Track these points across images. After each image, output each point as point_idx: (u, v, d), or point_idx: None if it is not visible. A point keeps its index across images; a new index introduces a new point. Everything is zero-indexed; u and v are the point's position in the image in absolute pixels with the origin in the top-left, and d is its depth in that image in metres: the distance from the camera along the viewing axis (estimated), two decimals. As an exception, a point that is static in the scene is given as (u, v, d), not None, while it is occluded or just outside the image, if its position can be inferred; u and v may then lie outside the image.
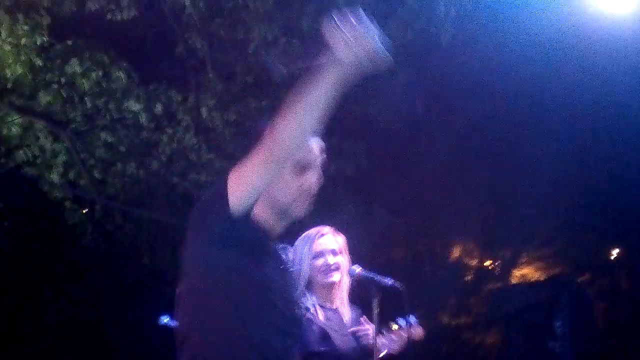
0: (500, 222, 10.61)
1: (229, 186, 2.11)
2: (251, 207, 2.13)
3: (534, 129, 8.94)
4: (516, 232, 10.96)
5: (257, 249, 2.21)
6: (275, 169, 2.08)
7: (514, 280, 11.93)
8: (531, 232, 11.06)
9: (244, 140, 7.48)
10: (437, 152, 9.24)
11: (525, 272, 11.93)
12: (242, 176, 2.11)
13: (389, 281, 3.50)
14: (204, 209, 2.21)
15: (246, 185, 2.09)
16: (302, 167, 2.24)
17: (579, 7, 6.77)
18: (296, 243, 3.64)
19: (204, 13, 7.25)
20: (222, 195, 2.10)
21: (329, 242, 3.66)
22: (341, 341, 3.54)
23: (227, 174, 2.15)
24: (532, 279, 11.74)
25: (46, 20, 7.34)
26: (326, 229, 3.71)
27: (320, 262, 3.61)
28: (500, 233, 11.02)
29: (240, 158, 2.17)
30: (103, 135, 8.19)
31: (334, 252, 3.65)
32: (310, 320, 3.50)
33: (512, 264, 11.95)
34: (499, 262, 12.04)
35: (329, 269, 3.63)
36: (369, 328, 3.58)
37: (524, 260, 11.90)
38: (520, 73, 8.10)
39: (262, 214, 2.24)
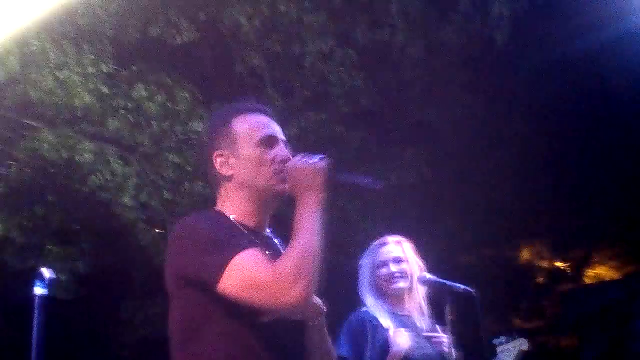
0: (571, 222, 10.44)
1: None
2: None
3: (600, 128, 8.77)
4: (587, 232, 10.74)
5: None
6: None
7: (587, 281, 11.72)
8: (603, 231, 10.83)
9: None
10: (501, 154, 9.15)
11: (599, 272, 11.70)
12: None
13: (460, 287, 3.51)
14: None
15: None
16: (267, 142, 2.22)
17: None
18: (363, 256, 3.74)
19: (260, 31, 7.39)
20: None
21: (391, 251, 3.71)
22: (416, 343, 3.57)
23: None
24: (607, 279, 11.52)
25: (110, 49, 7.61)
26: (389, 238, 3.76)
27: (383, 271, 3.66)
28: (571, 233, 10.83)
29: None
30: (170, 156, 8.37)
31: (397, 260, 3.69)
32: (375, 327, 3.57)
33: (585, 263, 11.74)
34: (571, 262, 11.84)
35: (392, 277, 3.66)
36: (444, 336, 3.60)
37: (596, 260, 11.67)
38: (584, 70, 7.95)
39: (245, 211, 2.21)
